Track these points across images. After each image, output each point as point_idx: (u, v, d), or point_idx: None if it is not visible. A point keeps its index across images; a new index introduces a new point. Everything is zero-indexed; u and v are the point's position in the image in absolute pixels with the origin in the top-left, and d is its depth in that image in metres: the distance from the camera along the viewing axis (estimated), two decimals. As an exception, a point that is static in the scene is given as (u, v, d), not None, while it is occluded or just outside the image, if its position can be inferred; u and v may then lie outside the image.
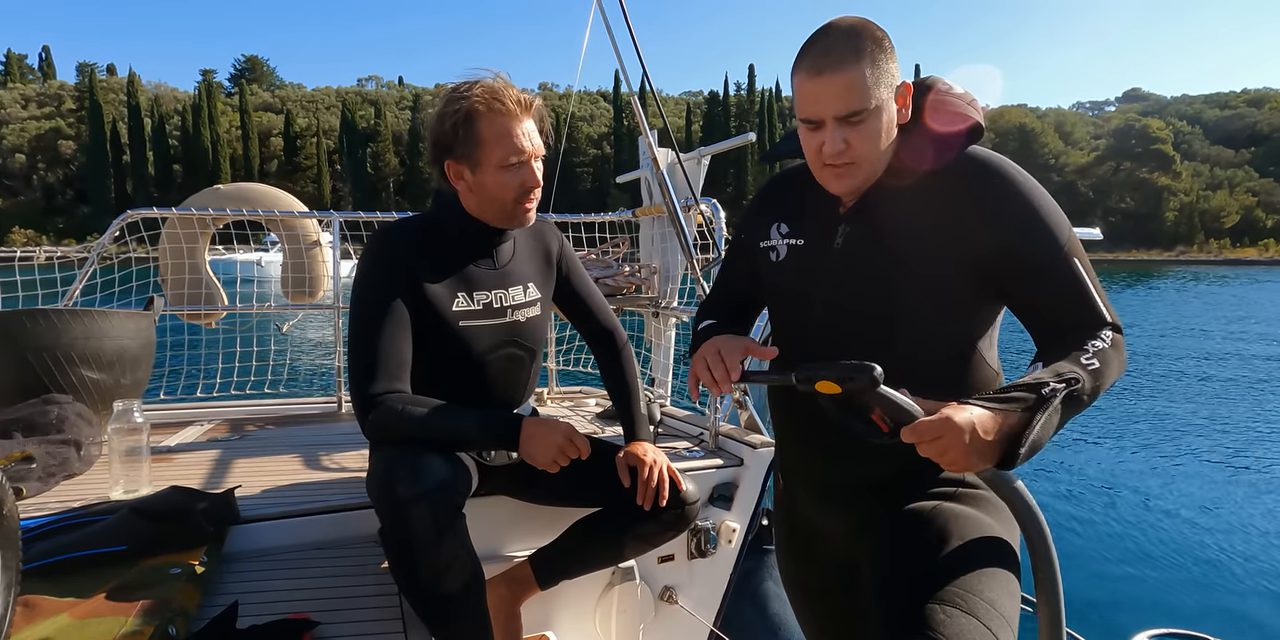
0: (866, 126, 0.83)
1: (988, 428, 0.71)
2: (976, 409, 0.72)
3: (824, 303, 0.94)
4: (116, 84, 74.27)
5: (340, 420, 2.16)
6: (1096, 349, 0.77)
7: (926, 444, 0.72)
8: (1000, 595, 0.78)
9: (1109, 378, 0.77)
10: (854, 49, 0.81)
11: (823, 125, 0.84)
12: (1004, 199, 0.84)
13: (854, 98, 0.81)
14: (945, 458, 0.72)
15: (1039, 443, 0.72)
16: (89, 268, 2.03)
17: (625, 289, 2.21)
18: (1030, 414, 0.72)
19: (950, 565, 0.80)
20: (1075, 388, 0.73)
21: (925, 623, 0.73)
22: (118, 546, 1.13)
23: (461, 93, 1.17)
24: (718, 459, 1.66)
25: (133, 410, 1.39)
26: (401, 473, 1.05)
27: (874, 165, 0.87)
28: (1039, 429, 0.71)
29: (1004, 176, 0.85)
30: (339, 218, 2.24)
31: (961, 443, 0.70)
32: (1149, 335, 13.29)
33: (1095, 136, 77.80)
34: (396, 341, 1.15)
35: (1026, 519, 0.78)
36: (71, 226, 60.11)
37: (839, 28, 0.83)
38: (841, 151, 0.84)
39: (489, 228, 1.25)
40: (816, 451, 0.99)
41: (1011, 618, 0.77)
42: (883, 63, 0.82)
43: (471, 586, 1.10)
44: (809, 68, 0.83)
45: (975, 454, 0.71)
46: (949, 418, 0.71)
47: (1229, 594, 3.37)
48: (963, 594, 0.75)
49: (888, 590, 0.81)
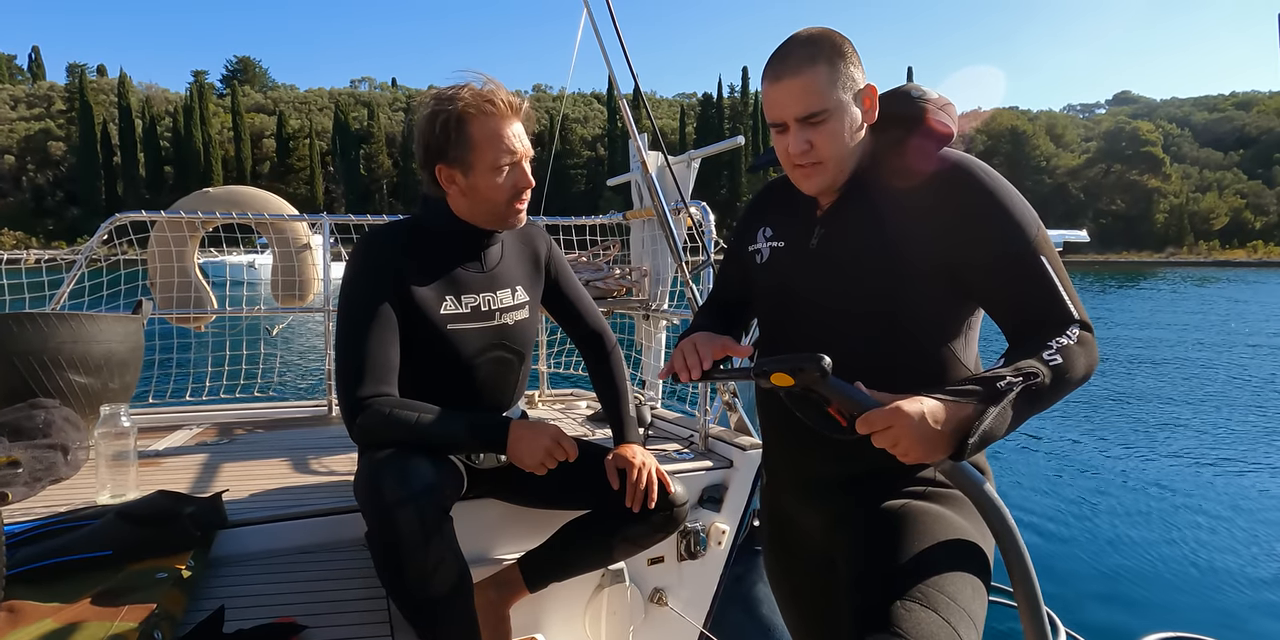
0: (827, 127, 0.87)
1: (938, 418, 0.72)
2: (929, 400, 0.73)
3: (802, 303, 0.97)
4: (107, 85, 73.75)
5: (330, 424, 2.16)
6: (1061, 345, 0.78)
7: (878, 435, 0.73)
8: (963, 590, 0.78)
9: (1074, 374, 0.78)
10: (809, 55, 0.86)
11: (788, 128, 0.89)
12: (974, 198, 0.85)
13: (811, 99, 0.86)
14: (898, 449, 0.73)
15: (991, 435, 0.72)
16: (77, 271, 2.02)
17: (616, 292, 2.22)
18: (984, 406, 0.73)
19: (915, 562, 0.81)
20: (1033, 382, 0.74)
21: (888, 619, 0.74)
22: (103, 551, 1.13)
23: (450, 96, 1.17)
24: (707, 461, 1.66)
25: (119, 414, 1.38)
26: (388, 476, 1.05)
27: (840, 165, 0.90)
28: (990, 421, 0.72)
29: (973, 176, 0.86)
30: (329, 220, 2.24)
31: (911, 432, 0.71)
32: (1140, 334, 13.44)
33: (1086, 139, 78.44)
34: (384, 345, 1.15)
35: (992, 517, 0.78)
36: (61, 229, 59.63)
37: (798, 37, 0.89)
38: (805, 151, 0.88)
39: (477, 230, 1.26)
40: (797, 448, 1.01)
41: (975, 612, 0.78)
42: (841, 67, 0.86)
43: (459, 589, 1.10)
44: (770, 75, 0.89)
45: (926, 444, 0.72)
46: (898, 407, 0.72)
47: (1225, 597, 3.39)
48: (925, 590, 0.76)
49: (856, 587, 0.82)
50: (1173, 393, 8.20)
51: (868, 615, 0.76)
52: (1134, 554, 3.86)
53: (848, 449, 0.85)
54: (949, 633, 0.73)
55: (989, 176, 0.87)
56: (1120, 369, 9.65)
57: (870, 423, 0.73)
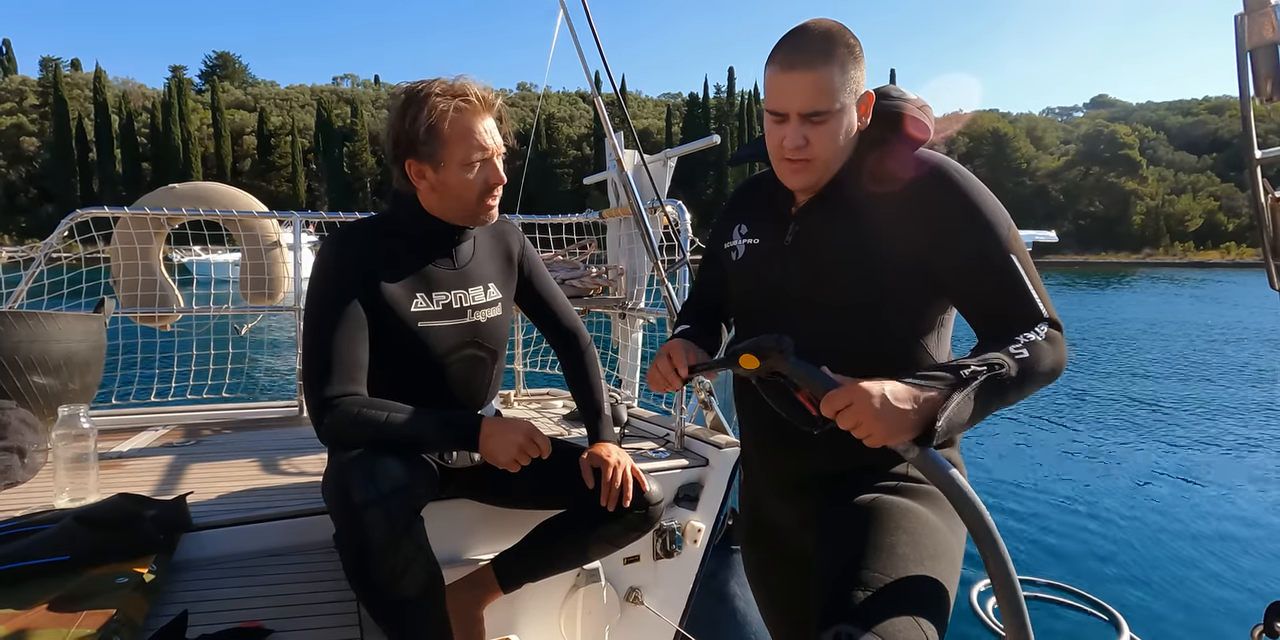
0: (827, 127, 0.87)
1: (900, 396, 0.73)
2: (891, 382, 0.74)
3: (777, 299, 0.97)
4: (82, 80, 72.12)
5: (301, 424, 2.13)
6: (1028, 340, 0.79)
7: (841, 415, 0.73)
8: (925, 584, 0.79)
9: (1040, 369, 0.79)
10: (826, 51, 0.84)
11: (788, 119, 0.88)
12: (947, 198, 0.86)
13: (820, 98, 0.85)
14: (860, 430, 0.73)
15: (956, 420, 0.73)
16: (35, 269, 1.96)
17: (592, 290, 2.21)
18: (949, 390, 0.73)
19: (879, 555, 0.81)
20: (998, 373, 0.75)
21: (849, 611, 0.74)
22: (60, 556, 1.10)
23: (420, 90, 1.16)
24: (683, 459, 1.66)
25: (79, 416, 1.35)
26: (357, 476, 1.04)
27: (829, 165, 0.90)
28: (955, 407, 0.72)
29: (947, 176, 0.87)
30: (299, 217, 2.20)
31: (872, 409, 0.71)
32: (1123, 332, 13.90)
33: (1065, 141, 79.76)
34: (352, 344, 1.13)
35: (963, 506, 0.78)
36: (34, 226, 58.23)
37: (816, 29, 0.87)
38: (801, 147, 0.88)
39: (448, 227, 1.24)
40: (773, 445, 1.01)
41: (939, 604, 0.78)
42: (851, 69, 0.86)
43: (429, 591, 1.09)
44: (782, 62, 0.86)
45: (888, 424, 0.72)
46: (858, 383, 0.73)
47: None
48: (891, 582, 0.77)
49: (823, 581, 0.82)
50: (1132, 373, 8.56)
51: (830, 608, 0.76)
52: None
53: (823, 447, 0.86)
54: (909, 623, 0.73)
55: (962, 177, 0.87)
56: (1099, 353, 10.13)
57: (831, 401, 0.74)
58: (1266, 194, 0.67)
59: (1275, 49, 0.62)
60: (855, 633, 0.71)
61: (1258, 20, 0.62)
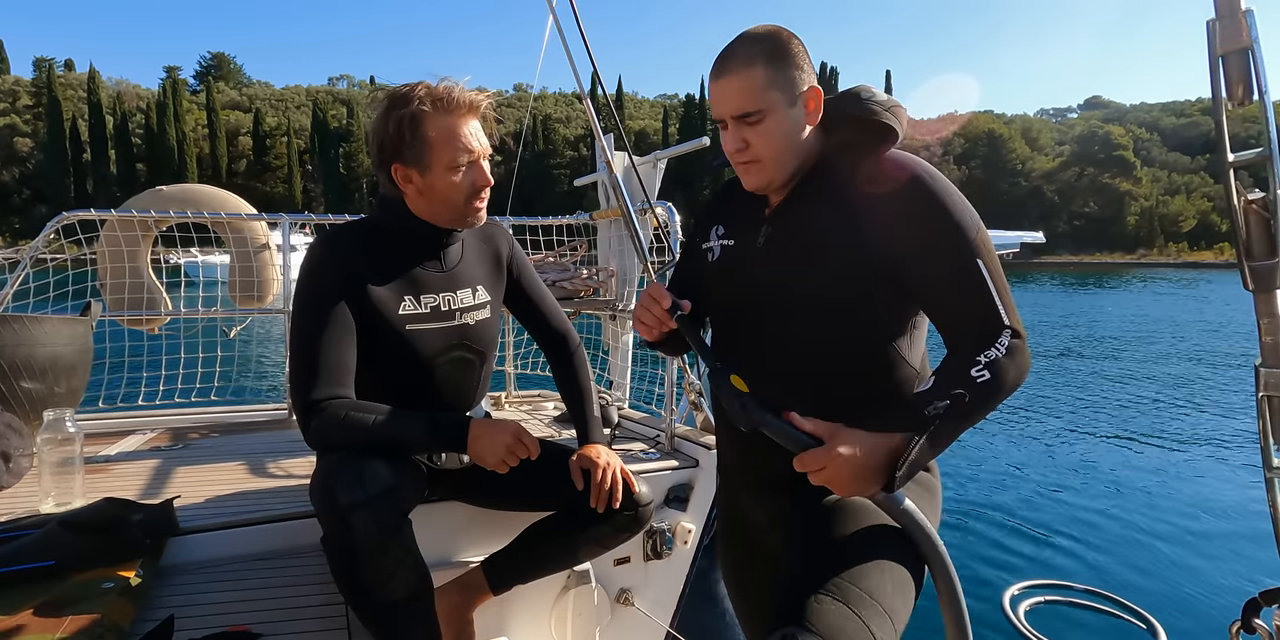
0: (763, 127, 0.88)
1: (870, 453, 0.77)
2: (860, 438, 0.78)
3: (750, 301, 0.98)
4: (76, 80, 71.79)
5: (290, 428, 2.12)
6: (989, 359, 0.80)
7: (814, 474, 0.78)
8: (883, 585, 0.79)
9: (1003, 387, 0.80)
10: (750, 54, 0.87)
11: (728, 125, 0.90)
12: (915, 198, 0.86)
13: (746, 98, 0.87)
14: (833, 485, 0.78)
15: (919, 464, 0.77)
16: (21, 271, 1.94)
17: (583, 292, 2.21)
18: (910, 434, 0.77)
19: (838, 556, 0.82)
20: (959, 407, 0.78)
21: (800, 613, 0.74)
22: (45, 562, 1.09)
23: (404, 94, 1.15)
24: (673, 461, 1.67)
25: (64, 420, 1.34)
26: (344, 478, 1.04)
27: (779, 164, 0.91)
28: (916, 453, 0.76)
29: (917, 179, 0.87)
30: (288, 219, 2.19)
31: (845, 472, 0.76)
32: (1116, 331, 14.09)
33: (1060, 142, 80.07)
34: (338, 346, 1.13)
35: (919, 537, 0.82)
36: (28, 227, 57.88)
37: (746, 35, 0.89)
38: (741, 150, 0.90)
39: (436, 230, 1.24)
40: (746, 445, 1.01)
41: (892, 607, 0.79)
42: (782, 68, 0.87)
43: (418, 593, 1.08)
44: (713, 72, 0.90)
45: (859, 481, 0.77)
46: (833, 451, 0.76)
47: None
48: (842, 584, 0.78)
49: (783, 582, 0.83)
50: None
51: (783, 609, 0.77)
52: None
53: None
54: (857, 626, 0.74)
55: (932, 179, 0.87)
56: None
57: (805, 463, 0.78)
58: (1239, 196, 0.68)
59: (1246, 54, 0.63)
60: (800, 635, 0.71)
61: (1229, 26, 0.62)
